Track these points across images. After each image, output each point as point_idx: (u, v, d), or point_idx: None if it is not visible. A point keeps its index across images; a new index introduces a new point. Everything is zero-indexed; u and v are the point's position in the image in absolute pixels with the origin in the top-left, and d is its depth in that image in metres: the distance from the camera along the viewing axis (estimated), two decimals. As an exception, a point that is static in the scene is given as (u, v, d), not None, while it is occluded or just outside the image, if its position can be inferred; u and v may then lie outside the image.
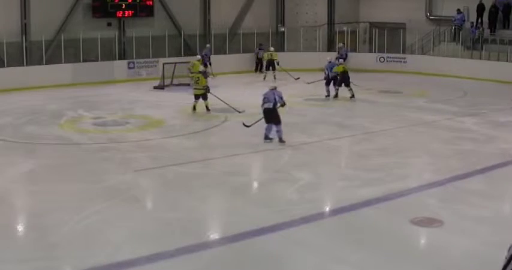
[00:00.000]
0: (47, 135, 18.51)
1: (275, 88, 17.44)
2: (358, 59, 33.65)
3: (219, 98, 21.43)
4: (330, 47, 36.92)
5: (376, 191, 13.23)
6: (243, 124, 18.42)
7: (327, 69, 24.94)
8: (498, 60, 32.00)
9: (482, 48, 33.69)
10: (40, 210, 12.30)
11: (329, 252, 10.20)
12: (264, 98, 17.23)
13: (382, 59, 34.72)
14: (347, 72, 24.64)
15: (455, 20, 34.72)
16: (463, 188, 13.92)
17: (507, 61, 31.80)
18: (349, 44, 35.36)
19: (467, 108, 22.82)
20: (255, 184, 14.82)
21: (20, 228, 11.75)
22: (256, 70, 33.42)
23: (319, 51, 35.66)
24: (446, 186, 13.95)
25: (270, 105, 17.11)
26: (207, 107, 21.44)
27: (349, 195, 13.03)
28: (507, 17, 34.56)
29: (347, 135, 18.91)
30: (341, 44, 34.31)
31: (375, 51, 35.74)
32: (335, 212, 12.37)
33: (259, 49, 33.40)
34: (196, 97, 21.47)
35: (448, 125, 19.65)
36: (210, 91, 21.45)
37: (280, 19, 36.56)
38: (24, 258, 9.93)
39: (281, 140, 17.13)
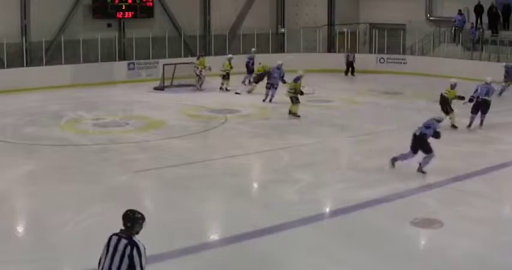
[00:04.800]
0: (47, 136, 18.52)
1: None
2: (359, 60, 33.58)
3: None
4: (331, 48, 36.91)
5: (376, 192, 13.27)
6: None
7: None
8: (498, 61, 32.00)
9: (482, 49, 33.72)
10: (40, 211, 12.34)
11: (329, 253, 10.23)
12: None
13: (382, 60, 34.66)
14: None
15: (455, 21, 34.73)
16: (463, 189, 13.95)
17: (507, 62, 31.80)
18: (349, 45, 35.31)
19: (467, 110, 22.79)
20: (255, 185, 14.85)
21: (20, 229, 11.78)
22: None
23: (319, 52, 35.66)
24: (446, 187, 13.99)
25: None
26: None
27: (349, 196, 13.06)
28: (507, 17, 34.59)
29: (347, 136, 18.92)
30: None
31: (375, 52, 35.71)
32: (335, 213, 12.41)
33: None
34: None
35: (448, 126, 19.62)
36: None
37: (280, 20, 36.53)
38: (24, 259, 9.95)
39: None
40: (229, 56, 27.72)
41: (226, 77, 26.82)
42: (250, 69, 27.72)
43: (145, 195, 13.62)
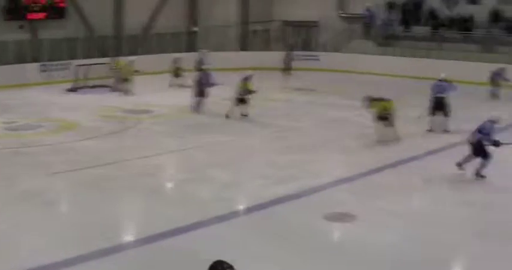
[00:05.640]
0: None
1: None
2: (271, 57, 33.78)
3: None
4: (244, 46, 37.09)
5: (290, 188, 13.48)
6: None
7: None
8: (411, 56, 32.78)
9: (394, 45, 34.44)
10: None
11: (246, 249, 10.33)
12: None
13: (296, 57, 34.98)
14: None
15: (365, 18, 35.43)
16: (374, 183, 14.31)
17: (419, 57, 32.61)
18: (262, 43, 35.56)
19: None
20: (171, 184, 14.89)
21: None
22: None
23: (232, 50, 35.77)
24: (358, 181, 14.32)
25: None
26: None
27: (264, 192, 13.22)
28: (419, 13, 35.43)
29: (262, 134, 19.14)
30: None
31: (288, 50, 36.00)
32: (251, 209, 12.54)
33: None
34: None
35: (360, 121, 19.96)
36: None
37: (194, 19, 36.51)
38: None
39: None
40: (131, 58, 27.50)
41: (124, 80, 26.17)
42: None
43: (60, 197, 13.48)
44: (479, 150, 14.44)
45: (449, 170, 15.11)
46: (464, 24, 33.89)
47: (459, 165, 14.76)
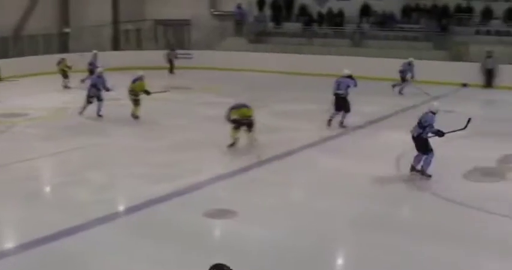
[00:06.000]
0: None
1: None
2: (144, 56, 33.73)
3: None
4: (116, 46, 36.81)
5: (169, 186, 13.55)
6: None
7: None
8: (282, 52, 33.42)
9: (266, 41, 35.03)
10: None
11: (129, 251, 10.37)
12: None
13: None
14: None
15: (236, 15, 35.87)
16: (253, 178, 14.59)
17: (291, 53, 33.30)
18: (135, 43, 35.45)
19: (253, 101, 23.60)
20: (49, 188, 14.64)
21: None
22: None
23: (105, 50, 35.38)
24: (237, 177, 14.56)
25: None
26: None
27: (143, 192, 13.22)
28: (290, 10, 36.14)
29: (139, 133, 19.17)
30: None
31: (161, 49, 36.03)
32: (130, 210, 12.51)
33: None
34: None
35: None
36: None
37: (65, 19, 35.93)
38: None
39: None
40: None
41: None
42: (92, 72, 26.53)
43: None
44: (421, 145, 14.17)
45: (324, 163, 15.64)
46: (335, 20, 34.83)
47: (413, 168, 14.49)
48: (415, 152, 14.34)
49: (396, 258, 10.15)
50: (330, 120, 19.57)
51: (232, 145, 16.71)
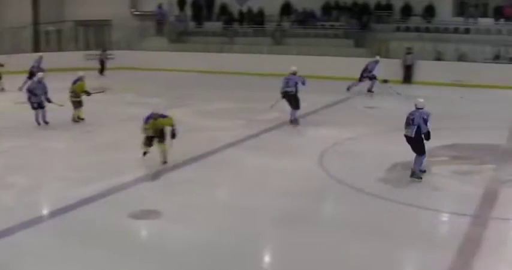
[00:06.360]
0: None
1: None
2: (65, 58, 33.25)
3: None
4: (37, 48, 36.25)
5: (93, 188, 13.39)
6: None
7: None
8: (203, 51, 33.47)
9: (187, 41, 35.04)
10: None
11: (57, 254, 10.24)
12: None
13: (89, 57, 34.64)
14: None
15: (157, 15, 35.81)
16: (177, 178, 14.56)
17: (212, 52, 33.39)
18: (56, 44, 34.98)
19: (175, 101, 23.64)
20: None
21: None
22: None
23: (25, 52, 34.80)
24: (161, 178, 14.51)
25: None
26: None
27: (67, 195, 13.04)
28: (210, 9, 36.23)
29: (63, 135, 18.98)
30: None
31: (81, 50, 35.64)
32: (55, 213, 12.32)
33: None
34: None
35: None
36: None
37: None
38: None
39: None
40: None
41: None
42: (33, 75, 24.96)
43: None
44: (416, 145, 13.81)
45: (249, 161, 15.74)
46: (256, 19, 35.05)
47: (413, 174, 14.10)
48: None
49: (321, 255, 10.20)
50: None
51: (145, 154, 15.89)
